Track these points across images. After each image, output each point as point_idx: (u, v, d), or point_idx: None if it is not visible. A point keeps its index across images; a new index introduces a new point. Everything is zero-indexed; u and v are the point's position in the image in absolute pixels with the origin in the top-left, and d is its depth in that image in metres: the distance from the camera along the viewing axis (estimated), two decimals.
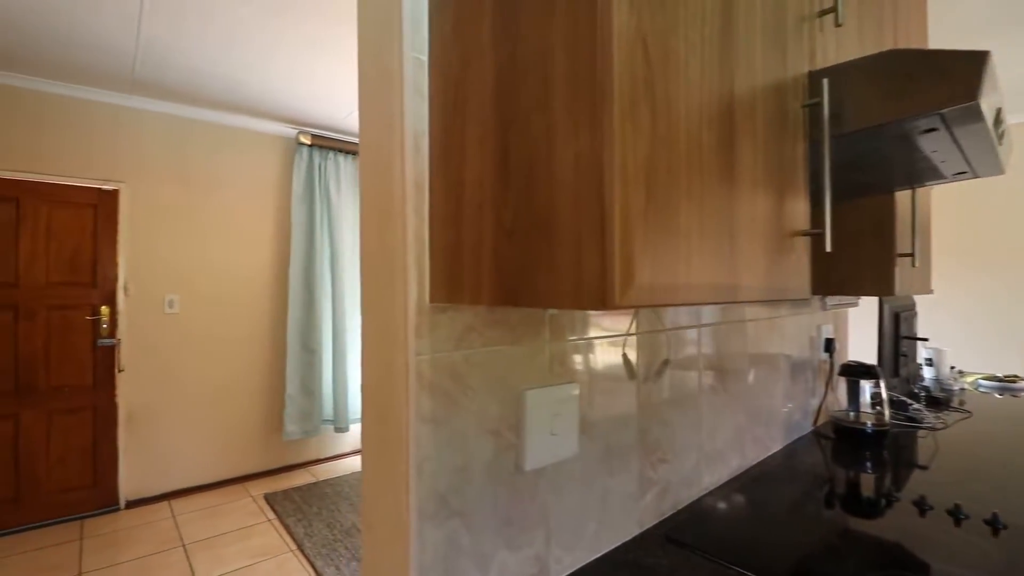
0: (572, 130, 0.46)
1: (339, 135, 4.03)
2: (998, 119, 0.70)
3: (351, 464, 4.02)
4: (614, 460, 0.91)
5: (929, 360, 2.14)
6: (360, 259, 0.72)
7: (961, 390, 2.12)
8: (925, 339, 2.14)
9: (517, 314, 0.75)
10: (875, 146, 0.77)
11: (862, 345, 2.20)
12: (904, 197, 1.18)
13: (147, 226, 3.32)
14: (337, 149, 3.99)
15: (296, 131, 3.85)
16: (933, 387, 2.06)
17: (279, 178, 3.87)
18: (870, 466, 1.34)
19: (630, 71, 0.44)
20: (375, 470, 0.69)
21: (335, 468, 3.93)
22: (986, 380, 2.22)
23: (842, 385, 1.72)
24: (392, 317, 0.65)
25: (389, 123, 0.65)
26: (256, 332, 3.76)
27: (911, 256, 1.13)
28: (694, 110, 0.51)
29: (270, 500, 3.30)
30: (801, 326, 1.63)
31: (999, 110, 0.70)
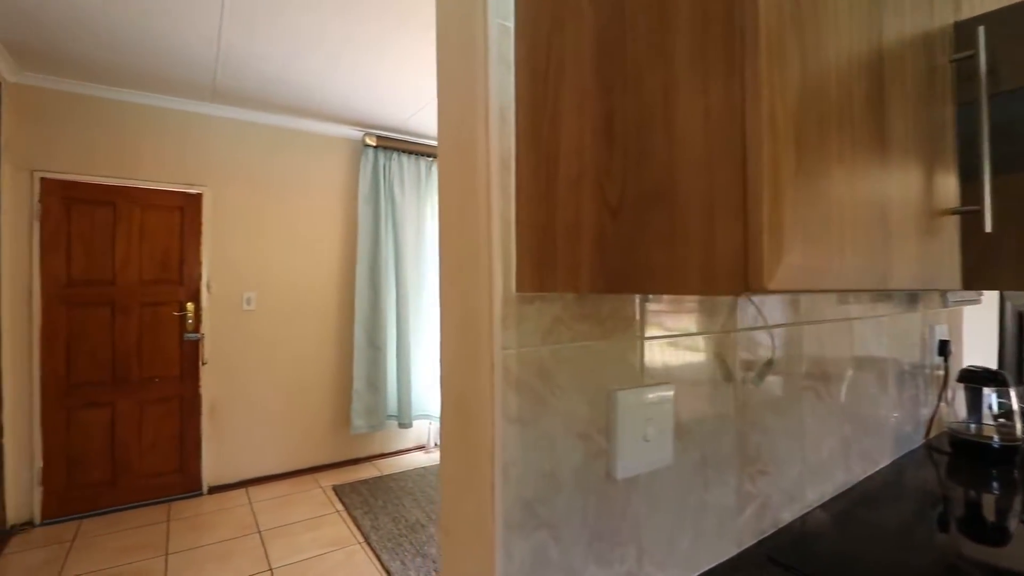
0: (700, 82, 0.39)
1: (403, 136, 4.10)
2: None
3: (413, 459, 4.07)
4: (710, 471, 0.82)
5: None
6: (439, 245, 0.68)
7: None
8: None
9: (607, 306, 0.68)
10: None
11: (976, 348, 1.95)
12: None
13: (227, 227, 3.51)
14: (401, 150, 4.05)
15: (362, 133, 3.95)
16: None
17: (346, 179, 3.98)
18: (996, 486, 1.17)
19: (777, 5, 0.36)
20: (456, 471, 0.64)
21: (398, 463, 4.00)
22: None
23: (959, 393, 1.52)
24: (475, 308, 0.60)
25: (472, 96, 0.60)
26: (326, 328, 3.89)
27: None
28: (843, 56, 0.42)
29: (338, 492, 3.39)
30: (911, 326, 1.45)
31: None
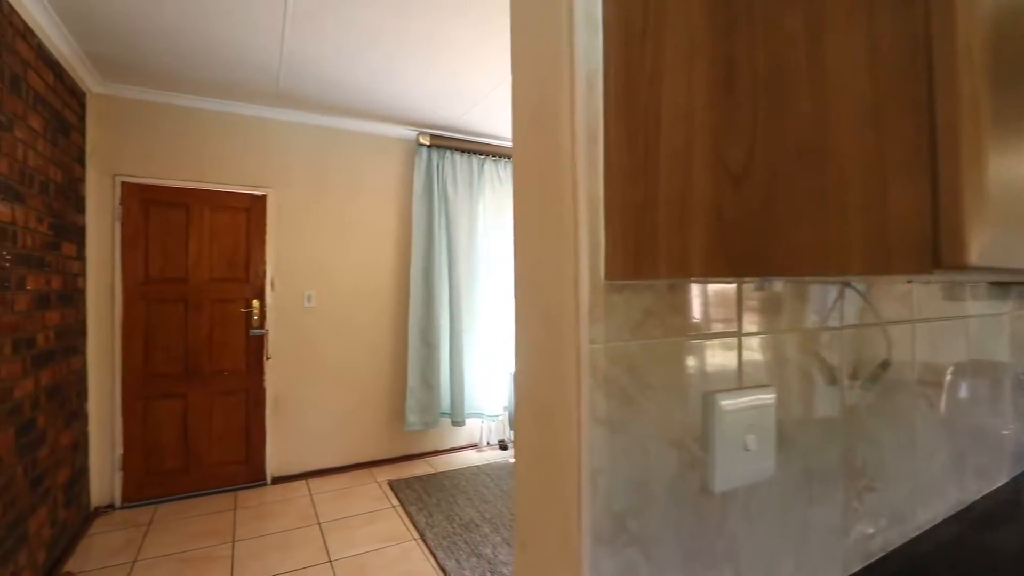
0: (862, 9, 0.31)
1: (456, 134, 4.11)
2: None
3: (466, 458, 4.07)
4: (814, 485, 0.73)
5: None
6: (514, 230, 0.62)
7: None
8: None
9: (702, 297, 0.60)
10: None
11: None
12: None
13: (289, 227, 3.62)
14: (454, 148, 4.06)
15: (416, 133, 3.98)
16: None
17: (401, 179, 4.03)
18: None
19: None
20: (534, 478, 0.59)
21: (451, 461, 4.01)
22: None
23: None
24: (558, 299, 0.54)
25: (554, 64, 0.54)
26: (381, 326, 3.95)
27: None
28: None
29: (394, 487, 3.43)
30: None
31: None
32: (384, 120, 3.83)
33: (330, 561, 2.53)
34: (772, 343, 0.69)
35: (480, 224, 4.19)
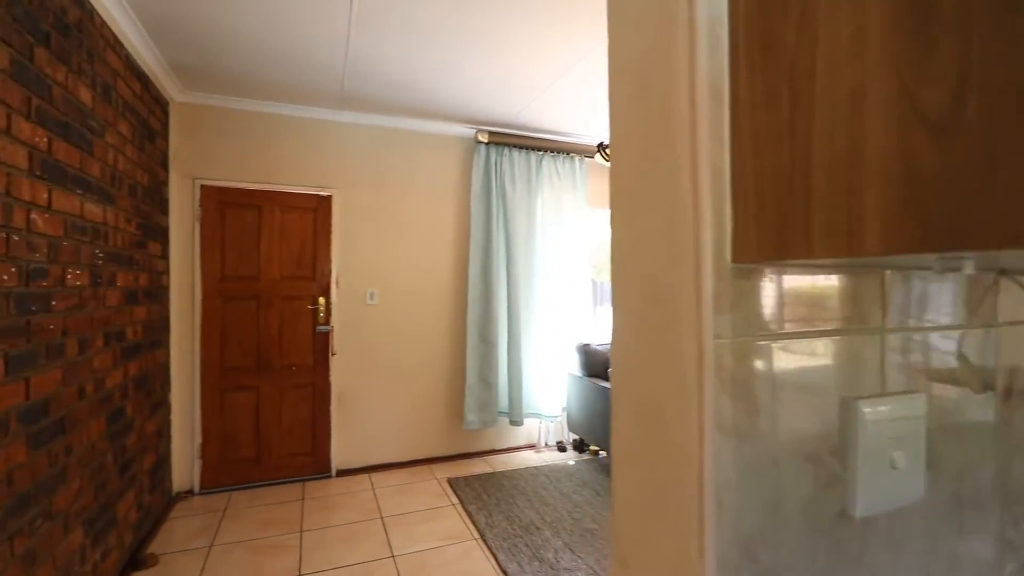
0: None
1: (514, 130, 4.07)
2: None
3: (524, 458, 4.02)
4: (965, 511, 0.62)
5: None
6: (611, 206, 0.55)
7: None
8: None
9: (843, 284, 0.51)
10: None
11: None
12: None
13: (352, 226, 3.71)
14: (512, 145, 4.02)
15: (474, 130, 3.97)
16: None
17: (460, 177, 4.04)
18: None
19: None
20: (637, 488, 0.52)
21: (509, 460, 3.97)
22: None
23: None
24: (673, 285, 0.47)
25: (666, 13, 0.47)
26: (441, 323, 3.97)
27: None
28: None
29: (453, 485, 3.43)
30: None
31: None
32: (443, 119, 3.84)
33: (392, 556, 2.55)
34: (918, 342, 0.58)
35: (538, 221, 4.13)
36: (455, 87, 3.26)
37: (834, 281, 0.52)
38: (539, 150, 4.13)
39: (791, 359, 0.47)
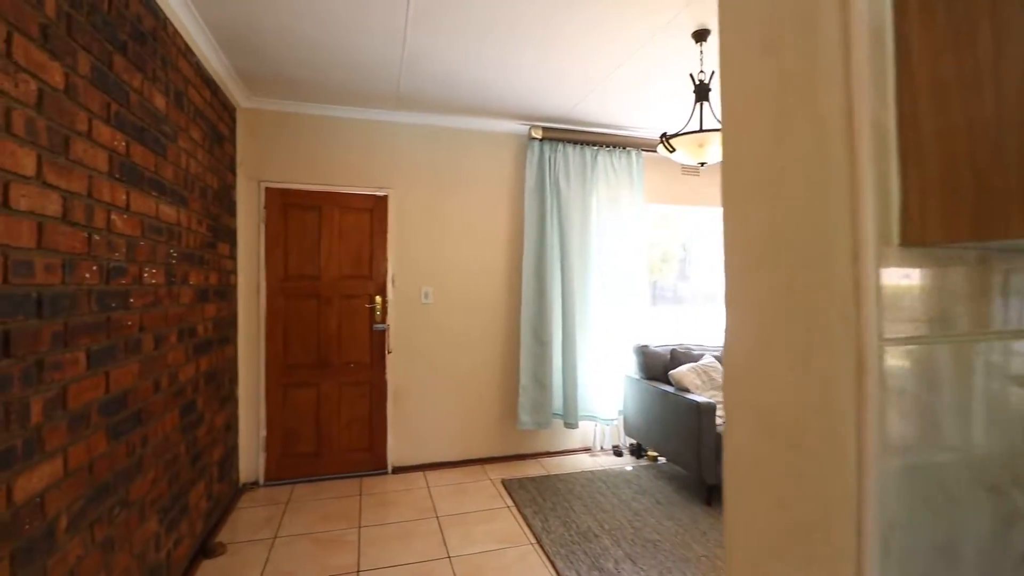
0: None
1: (568, 125, 3.98)
2: None
3: (578, 461, 3.93)
4: None
5: None
6: (724, 183, 0.47)
7: None
8: None
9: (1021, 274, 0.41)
10: None
11: None
12: None
13: (408, 226, 3.74)
14: (566, 140, 3.94)
15: (528, 127, 3.92)
16: None
17: (513, 174, 3.99)
18: None
19: None
20: (770, 529, 0.43)
21: (563, 463, 3.89)
22: None
23: None
24: (818, 274, 0.38)
25: None
26: (494, 322, 3.94)
27: None
28: None
29: (507, 486, 3.39)
30: None
31: None
32: (496, 116, 3.81)
33: (449, 557, 2.53)
34: None
35: (593, 218, 4.02)
36: (509, 83, 3.21)
37: (1011, 266, 0.42)
38: (594, 145, 4.02)
39: (975, 367, 0.38)
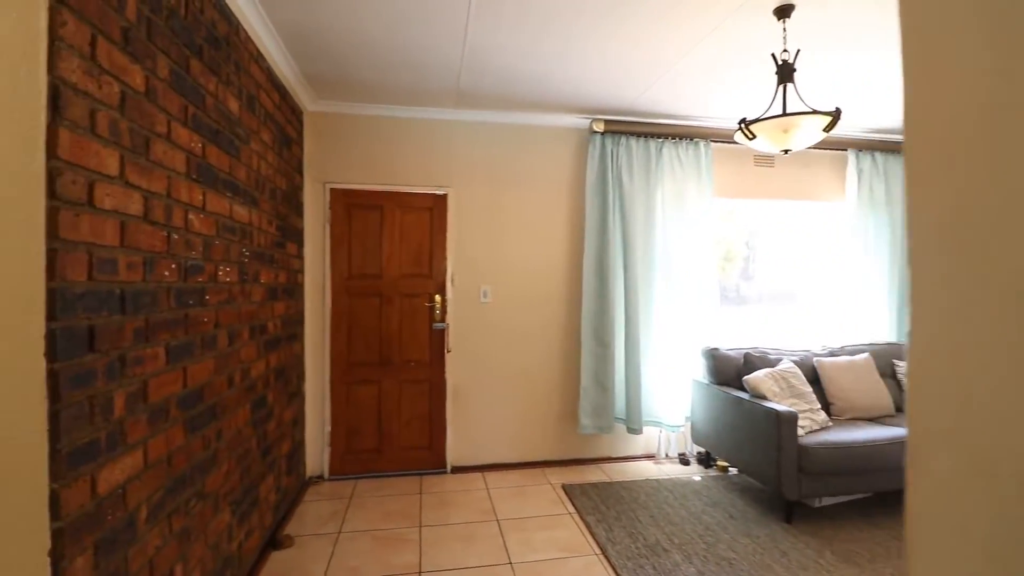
0: None
1: (631, 117, 3.82)
2: None
3: (641, 468, 3.76)
4: None
5: None
6: (904, 133, 0.36)
7: None
8: None
9: None
10: None
11: None
12: None
13: (467, 224, 3.72)
14: (629, 133, 3.78)
15: (589, 120, 3.79)
16: None
17: (574, 169, 3.88)
18: None
19: None
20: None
21: (626, 470, 3.73)
22: None
23: None
24: None
25: None
26: (554, 322, 3.85)
27: None
28: None
29: (568, 491, 3.28)
30: None
31: None
32: (556, 110, 3.71)
33: (511, 563, 2.46)
34: None
35: (658, 215, 3.84)
36: (570, 74, 3.11)
37: None
38: (659, 137, 3.84)
39: None
